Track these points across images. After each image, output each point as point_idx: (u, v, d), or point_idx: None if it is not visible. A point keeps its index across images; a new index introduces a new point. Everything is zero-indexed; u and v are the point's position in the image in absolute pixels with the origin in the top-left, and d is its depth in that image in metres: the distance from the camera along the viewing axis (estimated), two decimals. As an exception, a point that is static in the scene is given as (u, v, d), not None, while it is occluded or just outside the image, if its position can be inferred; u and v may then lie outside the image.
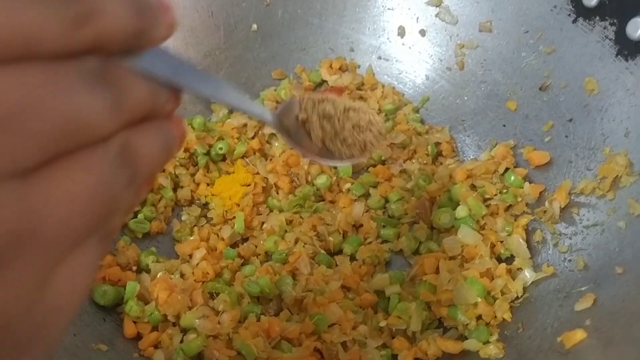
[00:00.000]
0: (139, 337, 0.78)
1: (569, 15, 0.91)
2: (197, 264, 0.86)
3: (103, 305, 0.80)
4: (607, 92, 0.86)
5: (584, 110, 0.89)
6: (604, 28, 0.86)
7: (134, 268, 0.85)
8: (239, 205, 0.94)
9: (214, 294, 0.81)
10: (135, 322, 0.78)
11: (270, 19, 1.11)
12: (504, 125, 0.99)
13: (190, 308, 0.78)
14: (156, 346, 0.77)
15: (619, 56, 0.85)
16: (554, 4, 0.92)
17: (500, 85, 1.00)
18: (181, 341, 0.76)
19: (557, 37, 0.93)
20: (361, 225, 0.94)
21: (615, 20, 0.85)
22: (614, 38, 0.85)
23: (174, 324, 0.79)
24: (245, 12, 1.09)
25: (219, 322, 0.76)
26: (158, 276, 0.82)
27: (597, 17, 0.87)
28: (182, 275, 0.84)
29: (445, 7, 1.05)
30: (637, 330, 0.63)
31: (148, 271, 0.84)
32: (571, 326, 0.70)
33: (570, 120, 0.90)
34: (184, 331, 0.78)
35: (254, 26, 1.10)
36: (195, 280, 0.83)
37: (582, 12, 0.89)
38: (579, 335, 0.68)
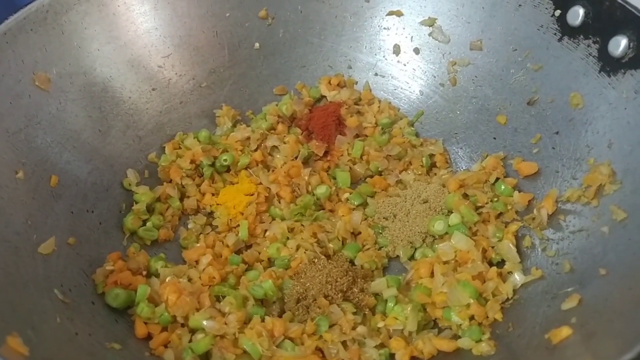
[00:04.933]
0: (149, 337, 0.82)
1: (555, 34, 0.96)
2: (204, 269, 0.90)
3: (115, 308, 0.84)
4: (591, 107, 0.91)
5: (569, 123, 0.94)
6: (588, 46, 0.92)
7: (144, 273, 0.89)
8: (242, 214, 0.99)
9: (220, 297, 0.86)
10: (146, 323, 0.82)
11: (272, 38, 1.16)
12: (495, 138, 1.04)
13: (198, 310, 0.82)
14: (166, 346, 0.81)
15: (601, 72, 0.90)
16: (540, 23, 0.98)
17: (490, 101, 1.06)
18: (190, 341, 0.80)
19: (544, 55, 0.98)
20: (359, 233, 0.98)
21: (598, 39, 0.91)
22: (597, 55, 0.91)
23: (183, 325, 0.82)
24: (248, 32, 1.15)
25: (225, 323, 0.80)
26: (167, 280, 0.86)
27: (581, 36, 0.93)
28: (189, 280, 0.88)
29: (438, 27, 1.11)
30: (618, 326, 0.67)
31: (157, 276, 0.88)
32: (558, 324, 0.74)
33: (557, 133, 0.96)
34: (193, 331, 0.82)
35: (257, 45, 1.15)
36: (202, 284, 0.87)
37: (567, 31, 0.95)
38: (565, 332, 0.72)
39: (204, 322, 0.80)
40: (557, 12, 0.95)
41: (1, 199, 0.81)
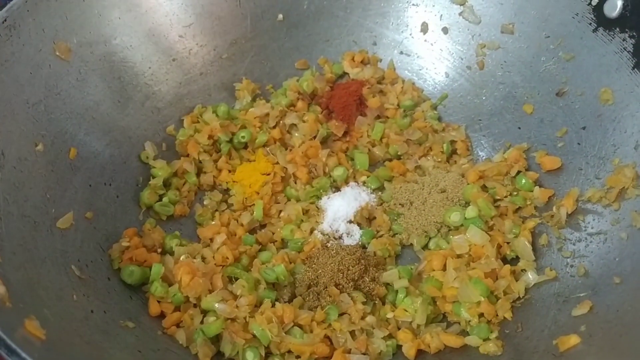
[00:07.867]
0: (162, 315, 0.83)
1: (590, 24, 0.92)
2: (218, 249, 0.91)
3: (129, 284, 0.85)
4: (621, 104, 0.88)
5: (597, 119, 0.91)
6: (623, 40, 0.88)
7: (159, 250, 0.90)
8: (258, 193, 0.99)
9: (233, 279, 0.87)
10: (159, 302, 0.84)
11: (296, 9, 1.13)
12: (519, 128, 1.02)
13: (210, 291, 0.84)
14: (178, 325, 0.82)
15: (635, 69, 0.87)
16: (576, 11, 0.94)
17: (518, 88, 1.02)
18: (201, 322, 0.82)
19: (577, 45, 0.94)
20: (374, 218, 0.98)
21: (634, 33, 0.87)
22: (632, 51, 0.87)
23: (195, 305, 0.84)
24: (272, 2, 1.12)
25: (236, 306, 0.82)
26: (181, 259, 0.87)
27: (617, 29, 0.89)
28: (203, 259, 0.89)
29: (469, 6, 1.07)
30: (626, 342, 0.67)
31: (172, 253, 0.89)
32: (567, 330, 0.74)
33: (584, 128, 0.93)
34: (204, 312, 0.83)
35: (280, 16, 1.12)
36: (215, 264, 0.88)
37: (603, 22, 0.91)
38: (573, 340, 0.72)
39: (216, 305, 0.81)
40: (595, 1, 0.91)
41: (21, 173, 0.81)
